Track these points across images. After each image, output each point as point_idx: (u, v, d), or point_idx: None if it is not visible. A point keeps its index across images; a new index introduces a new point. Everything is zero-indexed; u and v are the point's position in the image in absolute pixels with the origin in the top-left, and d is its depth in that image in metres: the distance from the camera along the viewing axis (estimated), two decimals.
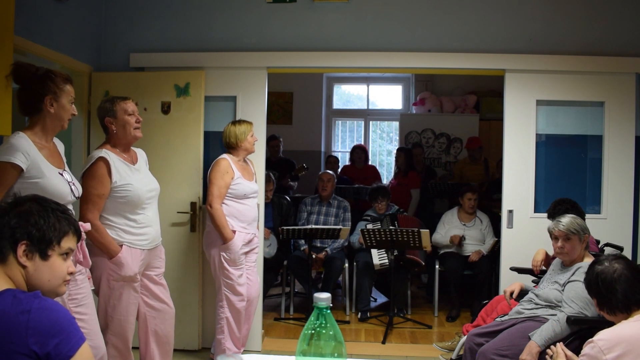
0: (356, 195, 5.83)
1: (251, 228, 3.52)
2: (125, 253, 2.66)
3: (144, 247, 2.75)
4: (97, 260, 2.63)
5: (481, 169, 5.98)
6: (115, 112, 2.73)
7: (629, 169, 3.85)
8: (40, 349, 1.36)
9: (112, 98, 2.80)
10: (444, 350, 3.91)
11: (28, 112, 2.32)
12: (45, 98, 2.27)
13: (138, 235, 2.72)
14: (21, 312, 1.38)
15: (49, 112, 2.28)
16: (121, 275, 2.67)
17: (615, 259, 2.14)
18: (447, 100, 7.35)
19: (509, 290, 3.12)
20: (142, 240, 2.74)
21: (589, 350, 1.85)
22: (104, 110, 2.76)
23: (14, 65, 2.32)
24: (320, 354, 1.30)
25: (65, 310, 1.47)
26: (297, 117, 7.88)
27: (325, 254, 4.86)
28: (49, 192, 2.17)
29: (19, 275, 1.51)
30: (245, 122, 3.56)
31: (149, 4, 4.07)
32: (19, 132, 2.23)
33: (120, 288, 2.70)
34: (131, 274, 2.69)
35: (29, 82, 2.27)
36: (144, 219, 2.74)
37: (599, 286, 2.07)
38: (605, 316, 2.10)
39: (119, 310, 2.72)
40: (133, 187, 2.67)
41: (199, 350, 3.89)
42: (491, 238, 4.86)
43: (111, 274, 2.67)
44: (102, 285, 2.69)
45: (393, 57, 3.94)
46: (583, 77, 3.87)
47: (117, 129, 2.73)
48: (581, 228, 2.80)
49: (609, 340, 1.81)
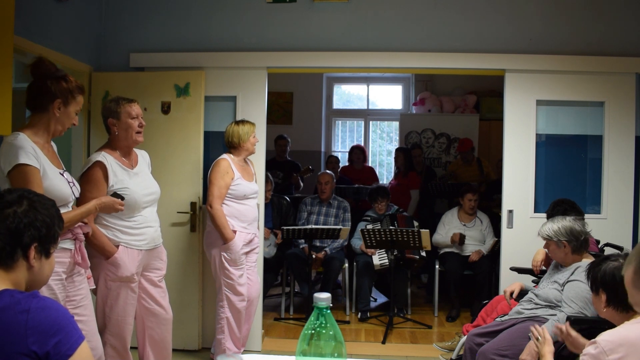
0: (356, 196, 5.83)
1: (251, 228, 3.52)
2: (121, 253, 2.65)
3: (141, 248, 2.73)
4: (94, 260, 2.63)
5: (475, 169, 5.98)
6: (119, 114, 2.71)
7: (629, 169, 3.85)
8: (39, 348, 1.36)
9: (118, 99, 2.77)
10: (444, 350, 3.91)
11: (33, 108, 2.30)
12: (56, 100, 2.26)
13: (135, 235, 2.71)
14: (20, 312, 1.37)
15: (54, 114, 2.28)
16: (118, 275, 2.66)
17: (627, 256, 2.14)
18: (447, 100, 7.34)
19: (509, 290, 3.12)
20: (139, 240, 2.72)
21: (591, 350, 1.84)
22: (108, 110, 2.75)
23: (37, 59, 2.29)
24: (320, 354, 1.30)
25: (64, 309, 1.47)
26: (297, 117, 7.87)
27: (325, 253, 4.86)
28: (52, 193, 2.16)
29: (21, 277, 1.52)
30: (248, 123, 3.57)
31: (149, 4, 4.07)
32: (19, 133, 2.21)
33: (118, 288, 2.69)
34: (128, 274, 2.67)
35: (45, 80, 2.26)
36: (141, 220, 2.73)
37: (615, 282, 2.05)
38: (608, 313, 2.09)
39: (117, 310, 2.70)
40: (130, 191, 2.64)
41: (199, 350, 3.89)
42: (491, 238, 4.87)
43: (108, 274, 2.66)
44: (99, 285, 2.68)
45: (393, 57, 3.94)
46: (583, 77, 3.87)
47: (119, 131, 2.71)
48: (558, 234, 2.77)
49: (612, 342, 1.80)
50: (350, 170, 6.40)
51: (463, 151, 6.04)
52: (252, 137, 3.55)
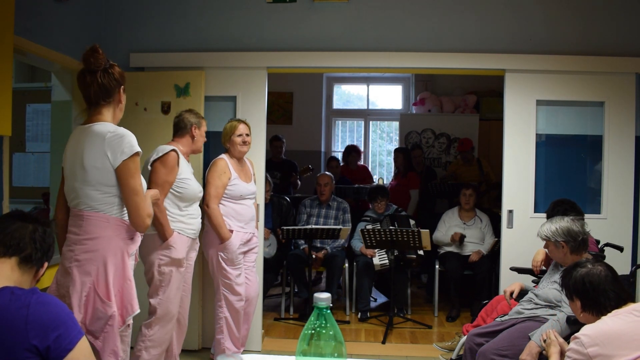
0: (356, 196, 5.83)
1: (249, 227, 3.52)
2: (176, 238, 2.97)
3: (189, 236, 3.08)
4: (147, 250, 2.92)
5: (475, 169, 5.98)
6: (200, 124, 3.23)
7: (629, 169, 3.85)
8: (40, 342, 1.38)
9: (198, 114, 3.27)
10: (444, 350, 3.91)
11: (101, 99, 2.20)
12: (121, 87, 2.25)
13: (187, 224, 3.06)
14: (20, 308, 1.40)
15: (120, 102, 2.27)
16: (171, 258, 2.95)
17: (595, 261, 2.20)
18: (447, 100, 7.34)
19: (509, 290, 3.12)
20: (190, 229, 3.08)
21: (573, 345, 1.97)
22: (195, 116, 3.20)
23: (92, 47, 2.19)
24: (320, 354, 1.30)
25: (63, 304, 1.51)
26: (297, 117, 7.87)
27: (325, 252, 4.86)
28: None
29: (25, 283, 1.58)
30: (231, 121, 3.53)
31: (149, 4, 4.07)
32: (107, 123, 2.18)
33: (170, 273, 2.96)
34: (180, 257, 2.98)
35: (106, 68, 2.20)
36: (193, 211, 3.11)
37: (586, 288, 2.11)
38: (585, 317, 2.13)
39: (168, 294, 2.97)
40: (191, 184, 3.07)
41: (199, 350, 3.89)
42: (491, 237, 4.87)
43: (162, 258, 2.94)
44: (152, 272, 2.95)
45: (393, 57, 3.94)
46: (583, 77, 3.87)
47: (196, 137, 3.20)
48: (556, 234, 2.77)
49: (590, 335, 1.90)
50: (346, 170, 6.41)
51: (463, 150, 6.04)
52: (236, 136, 3.45)
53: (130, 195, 2.11)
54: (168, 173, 2.96)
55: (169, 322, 3.03)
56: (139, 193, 2.13)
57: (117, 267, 2.12)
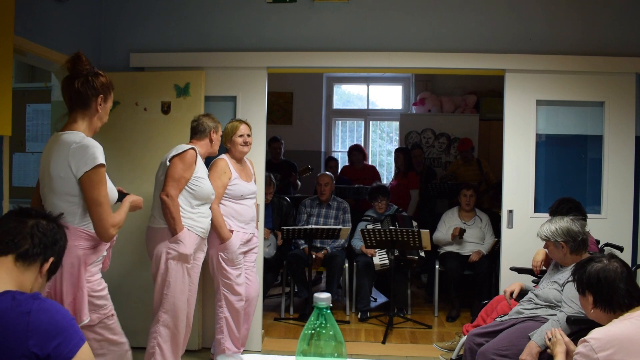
0: (356, 196, 5.82)
1: (249, 227, 3.52)
2: (185, 233, 3.02)
3: (198, 234, 3.12)
4: (155, 245, 3.01)
5: (475, 169, 5.99)
6: (218, 129, 3.33)
7: (629, 169, 3.85)
8: (40, 350, 1.35)
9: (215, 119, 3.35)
10: (444, 350, 3.91)
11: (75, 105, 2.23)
12: (99, 96, 2.24)
13: (198, 222, 3.11)
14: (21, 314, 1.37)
15: (96, 110, 2.26)
16: (179, 252, 2.99)
17: (611, 257, 2.16)
18: (447, 100, 7.34)
19: (509, 290, 3.12)
20: (199, 227, 3.12)
21: (582, 349, 1.89)
22: (213, 121, 3.30)
23: (75, 55, 2.23)
24: (320, 354, 1.30)
25: (65, 311, 1.47)
26: (297, 117, 7.87)
27: (326, 252, 4.86)
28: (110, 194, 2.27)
29: (28, 280, 1.56)
30: (232, 121, 3.53)
31: (149, 4, 4.07)
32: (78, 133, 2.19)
33: (177, 268, 3.01)
34: (187, 252, 3.02)
35: (86, 76, 2.21)
36: (204, 211, 3.17)
37: (600, 283, 2.07)
38: (596, 314, 2.10)
39: (173, 288, 3.01)
40: (205, 184, 3.14)
41: (199, 350, 3.89)
42: (491, 237, 4.87)
43: (170, 252, 2.99)
44: (160, 267, 3.00)
45: (393, 57, 3.94)
46: (583, 77, 3.87)
47: (214, 141, 3.30)
48: (556, 235, 2.77)
49: (600, 339, 1.85)
50: (351, 170, 6.40)
51: (463, 150, 6.05)
52: (237, 136, 3.45)
53: (92, 206, 2.14)
54: (185, 169, 3.05)
55: (177, 317, 3.04)
56: (103, 204, 2.14)
57: (72, 275, 2.14)
